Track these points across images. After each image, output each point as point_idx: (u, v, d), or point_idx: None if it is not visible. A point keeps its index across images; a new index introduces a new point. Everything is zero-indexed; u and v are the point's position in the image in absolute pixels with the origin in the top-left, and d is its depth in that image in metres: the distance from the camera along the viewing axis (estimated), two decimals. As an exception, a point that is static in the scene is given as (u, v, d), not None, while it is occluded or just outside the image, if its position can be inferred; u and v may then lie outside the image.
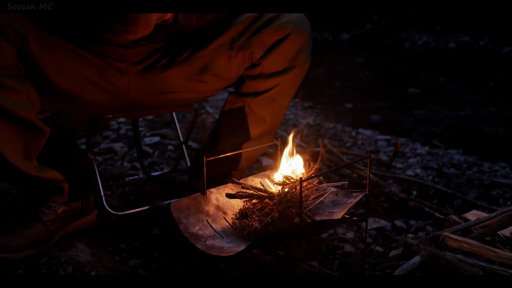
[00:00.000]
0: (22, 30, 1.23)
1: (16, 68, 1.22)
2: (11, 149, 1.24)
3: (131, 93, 1.49)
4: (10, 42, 1.20)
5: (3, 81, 1.18)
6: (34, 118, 1.27)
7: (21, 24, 1.22)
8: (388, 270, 1.42)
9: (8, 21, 1.19)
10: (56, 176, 1.36)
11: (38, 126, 1.28)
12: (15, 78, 1.21)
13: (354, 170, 2.22)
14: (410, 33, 9.52)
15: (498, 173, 2.36)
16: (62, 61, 1.34)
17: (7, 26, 1.19)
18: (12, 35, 1.20)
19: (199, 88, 1.59)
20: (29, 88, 1.25)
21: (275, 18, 1.52)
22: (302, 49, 1.55)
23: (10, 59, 1.20)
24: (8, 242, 1.27)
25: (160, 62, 1.51)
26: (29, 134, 1.27)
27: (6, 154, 1.24)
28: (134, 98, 1.52)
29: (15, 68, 1.21)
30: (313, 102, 4.40)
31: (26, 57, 1.25)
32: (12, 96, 1.21)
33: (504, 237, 1.51)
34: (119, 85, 1.46)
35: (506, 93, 5.10)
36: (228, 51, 1.53)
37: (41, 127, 1.29)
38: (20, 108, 1.22)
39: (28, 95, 1.25)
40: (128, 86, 1.48)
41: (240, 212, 1.33)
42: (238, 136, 1.64)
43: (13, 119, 1.22)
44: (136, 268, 1.37)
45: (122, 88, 1.47)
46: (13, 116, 1.22)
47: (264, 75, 1.56)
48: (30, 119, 1.25)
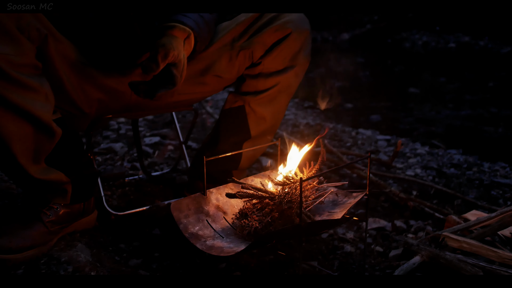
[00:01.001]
0: (44, 30, 1.22)
1: (36, 68, 1.21)
2: (23, 149, 1.23)
3: (134, 94, 1.49)
4: (32, 41, 1.19)
5: (23, 81, 1.17)
6: (50, 120, 1.25)
7: (42, 23, 1.22)
8: (388, 270, 1.42)
9: (31, 20, 1.18)
10: (61, 178, 1.36)
11: (53, 127, 1.27)
12: (35, 78, 1.20)
13: (354, 170, 2.22)
14: (410, 33, 9.52)
15: (498, 173, 2.36)
16: (72, 61, 1.34)
17: (30, 25, 1.18)
18: (34, 34, 1.19)
19: (200, 88, 1.59)
20: (47, 88, 1.24)
21: (276, 18, 1.52)
22: (302, 48, 1.56)
23: (32, 58, 1.19)
24: (9, 243, 1.27)
25: None
26: (43, 135, 1.26)
27: (18, 154, 1.23)
28: (136, 99, 1.52)
29: (35, 67, 1.21)
30: (313, 102, 4.40)
31: (44, 56, 1.25)
32: (31, 96, 1.19)
33: (504, 237, 1.51)
34: (122, 86, 1.46)
35: (506, 93, 5.10)
36: (229, 51, 1.54)
37: (55, 129, 1.28)
38: (38, 109, 1.21)
39: (46, 96, 1.23)
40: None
41: (240, 212, 1.33)
42: (238, 135, 1.65)
43: (31, 119, 1.21)
44: (136, 268, 1.37)
45: (125, 89, 1.47)
46: (31, 116, 1.20)
47: (264, 74, 1.57)
48: (47, 120, 1.24)
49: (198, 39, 1.37)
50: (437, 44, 8.84)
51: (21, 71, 1.16)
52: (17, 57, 1.14)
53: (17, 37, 1.15)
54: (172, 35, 1.31)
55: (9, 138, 1.19)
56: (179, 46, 1.30)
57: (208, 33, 1.44)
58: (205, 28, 1.41)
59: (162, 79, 1.30)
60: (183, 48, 1.32)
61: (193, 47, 1.38)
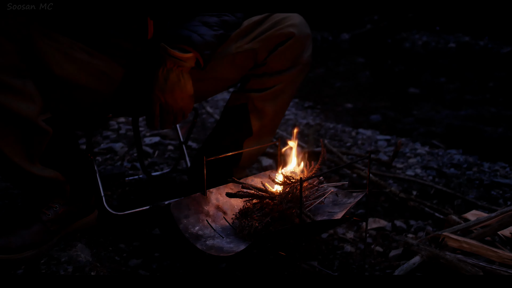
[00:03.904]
0: (26, 30, 1.22)
1: (19, 69, 1.21)
2: (14, 150, 1.24)
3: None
4: (13, 41, 1.19)
5: (6, 81, 1.17)
6: (37, 119, 1.26)
7: (24, 23, 1.22)
8: (388, 270, 1.42)
9: (11, 21, 1.18)
10: (58, 177, 1.36)
11: (41, 126, 1.27)
12: (17, 79, 1.20)
13: (354, 170, 2.22)
14: (410, 33, 9.52)
15: (498, 173, 2.36)
16: (67, 51, 1.34)
17: (10, 25, 1.18)
18: (15, 34, 1.19)
19: (201, 88, 1.60)
20: (32, 88, 1.24)
21: (279, 22, 1.56)
22: (304, 50, 1.60)
23: (13, 59, 1.19)
24: (8, 242, 1.27)
25: None
26: (31, 135, 1.26)
27: (10, 155, 1.23)
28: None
29: (18, 68, 1.21)
30: (313, 102, 4.40)
31: (31, 55, 1.24)
32: (15, 97, 1.20)
33: (504, 237, 1.51)
34: (116, 74, 1.46)
35: (506, 93, 5.10)
36: (233, 53, 1.56)
37: (44, 128, 1.28)
38: (23, 109, 1.21)
39: (30, 96, 1.24)
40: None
41: (240, 212, 1.33)
42: (240, 132, 1.67)
43: (16, 120, 1.21)
44: (136, 268, 1.37)
45: (117, 77, 1.46)
46: (16, 116, 1.21)
47: (268, 74, 1.61)
48: (33, 119, 1.25)
49: (203, 55, 1.40)
50: (437, 44, 8.84)
51: (2, 73, 1.17)
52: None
53: None
54: (174, 57, 1.36)
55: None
56: (176, 83, 1.39)
57: (217, 45, 1.46)
58: (213, 42, 1.42)
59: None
60: (182, 77, 1.40)
61: (199, 62, 1.42)
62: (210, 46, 1.41)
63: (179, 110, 1.45)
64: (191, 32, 1.38)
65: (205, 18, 1.44)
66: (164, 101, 1.41)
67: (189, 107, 1.46)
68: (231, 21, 1.50)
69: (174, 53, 1.36)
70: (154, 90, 1.40)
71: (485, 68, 6.77)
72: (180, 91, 1.41)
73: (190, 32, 1.38)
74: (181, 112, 1.46)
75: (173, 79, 1.39)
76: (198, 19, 1.44)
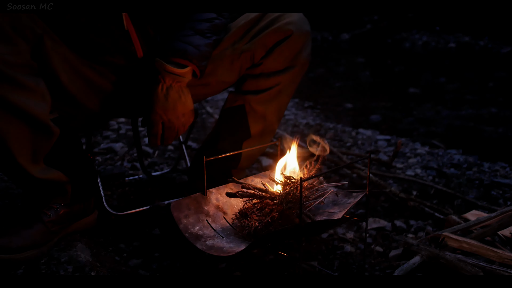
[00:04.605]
0: (39, 30, 1.23)
1: (31, 67, 1.21)
2: (21, 148, 1.23)
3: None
4: (27, 41, 1.20)
5: (19, 80, 1.17)
6: (47, 119, 1.25)
7: (37, 23, 1.23)
8: (388, 270, 1.42)
9: (26, 20, 1.19)
10: (60, 178, 1.36)
11: (50, 127, 1.27)
12: (30, 77, 1.20)
13: (354, 170, 2.22)
14: (410, 33, 9.51)
15: (498, 173, 2.36)
16: (73, 62, 1.35)
17: (25, 25, 1.18)
18: (29, 34, 1.20)
19: (201, 91, 1.60)
20: (44, 87, 1.24)
21: (276, 20, 1.53)
22: (303, 49, 1.57)
23: (27, 58, 1.19)
24: (9, 243, 1.27)
25: None
26: (40, 134, 1.26)
27: (16, 154, 1.22)
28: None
29: (30, 67, 1.21)
30: (313, 102, 4.40)
31: (40, 56, 1.25)
32: (28, 95, 1.19)
33: (504, 237, 1.51)
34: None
35: (506, 93, 5.10)
36: (231, 55, 1.54)
37: (53, 128, 1.28)
38: (34, 108, 1.21)
39: (42, 95, 1.23)
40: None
41: (240, 212, 1.33)
42: (238, 134, 1.65)
43: (27, 119, 1.21)
44: (136, 268, 1.37)
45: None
46: (27, 115, 1.20)
47: (265, 74, 1.58)
48: (44, 119, 1.24)
49: (200, 67, 1.40)
50: (437, 44, 8.83)
51: (16, 71, 1.16)
52: (12, 56, 1.15)
53: (12, 37, 1.15)
54: (172, 73, 1.36)
55: (6, 138, 1.19)
56: (177, 100, 1.39)
57: (212, 52, 1.46)
58: (208, 51, 1.42)
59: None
60: (182, 93, 1.40)
61: (196, 72, 1.41)
62: (206, 56, 1.41)
63: (180, 126, 1.44)
64: (186, 44, 1.37)
65: (196, 25, 1.43)
66: (166, 120, 1.41)
67: (189, 121, 1.46)
68: (221, 24, 1.49)
69: (172, 69, 1.35)
70: (156, 109, 1.39)
71: (485, 68, 6.76)
72: (182, 107, 1.41)
73: (184, 45, 1.37)
74: (182, 127, 1.46)
75: (173, 96, 1.39)
76: (189, 26, 1.42)
